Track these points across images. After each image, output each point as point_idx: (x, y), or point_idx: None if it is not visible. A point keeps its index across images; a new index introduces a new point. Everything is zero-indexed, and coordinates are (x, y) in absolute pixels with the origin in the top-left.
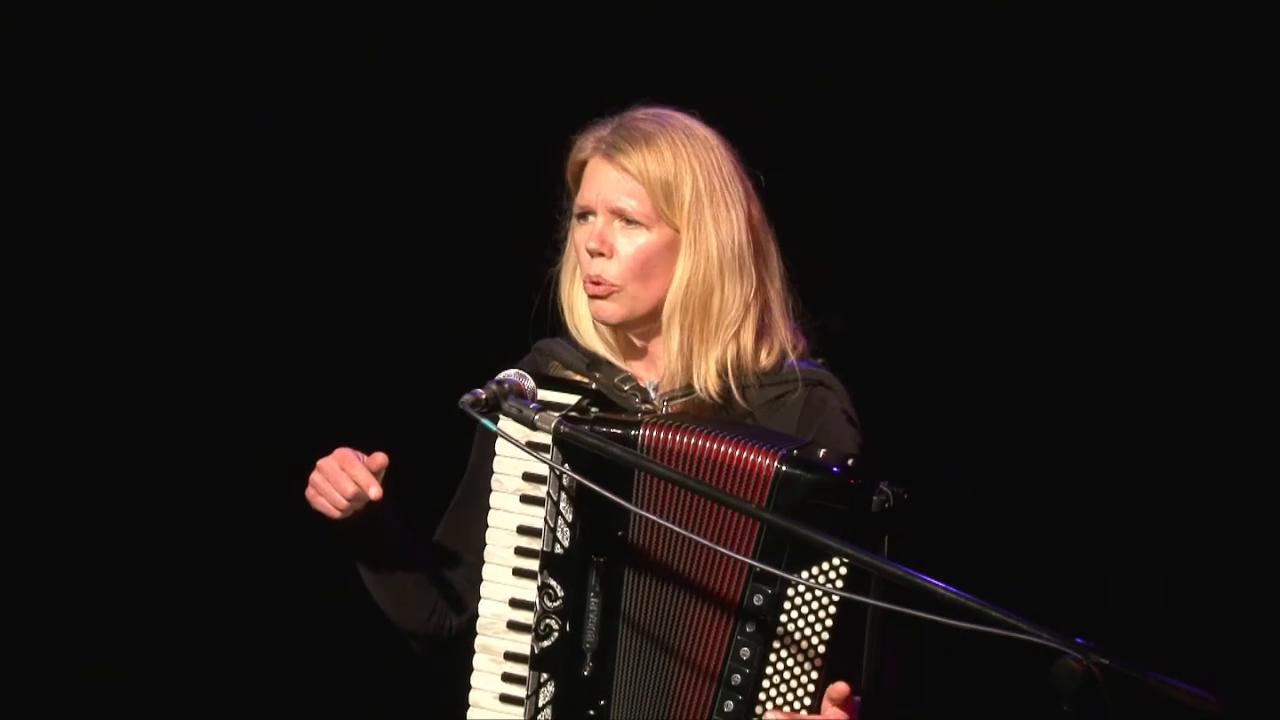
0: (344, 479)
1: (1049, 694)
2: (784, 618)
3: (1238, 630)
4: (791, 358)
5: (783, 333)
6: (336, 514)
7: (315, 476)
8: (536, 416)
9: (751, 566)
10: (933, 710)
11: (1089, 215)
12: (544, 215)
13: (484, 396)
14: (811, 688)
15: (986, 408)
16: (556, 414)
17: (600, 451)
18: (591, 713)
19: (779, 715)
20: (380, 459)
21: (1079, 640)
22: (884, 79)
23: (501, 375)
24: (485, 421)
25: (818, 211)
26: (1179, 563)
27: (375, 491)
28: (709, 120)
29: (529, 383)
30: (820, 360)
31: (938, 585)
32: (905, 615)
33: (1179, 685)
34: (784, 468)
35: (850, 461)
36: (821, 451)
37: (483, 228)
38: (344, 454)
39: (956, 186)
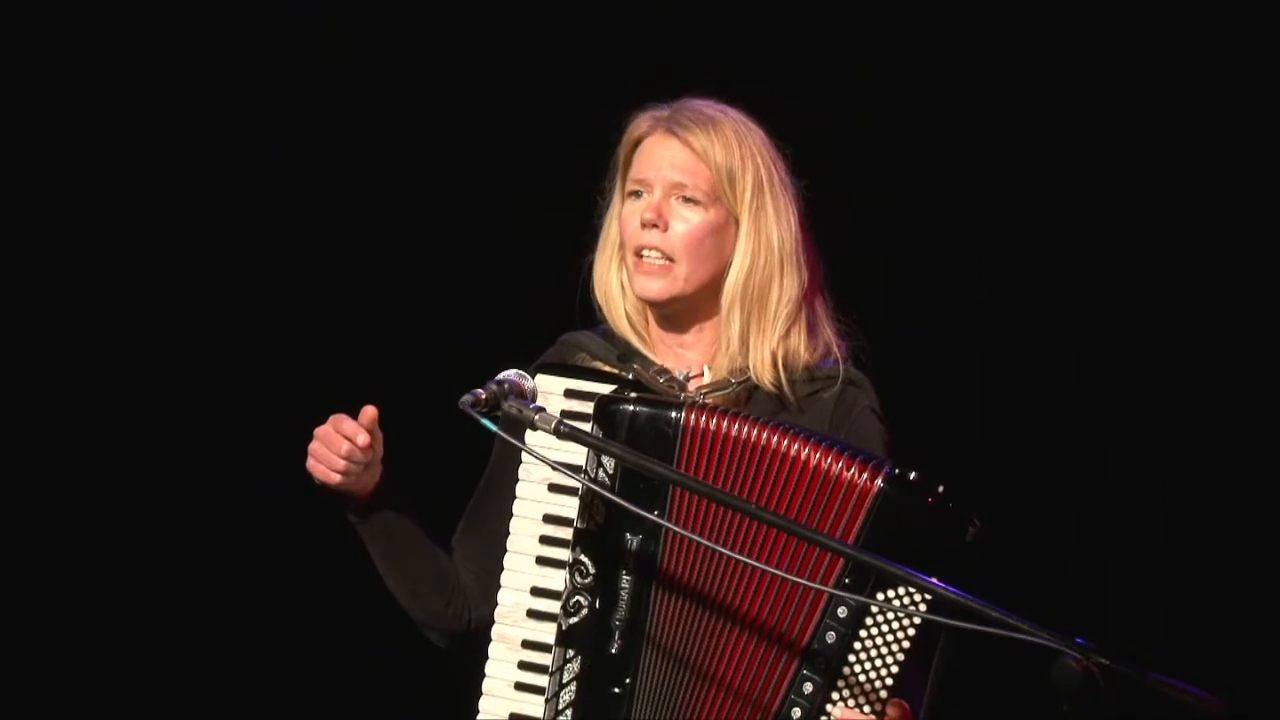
0: (336, 438)
1: (1049, 694)
2: (862, 631)
3: (1238, 630)
4: (833, 356)
5: (827, 333)
6: (337, 478)
7: (312, 445)
8: (536, 417)
9: (800, 585)
10: (933, 710)
11: (1090, 216)
12: (543, 216)
13: (484, 397)
14: (879, 705)
15: (987, 407)
16: (571, 406)
17: (604, 453)
18: (616, 690)
19: (848, 713)
20: (369, 411)
21: (1079, 640)
22: (884, 78)
23: (501, 375)
24: (486, 422)
25: (817, 209)
26: (1179, 563)
27: (363, 438)
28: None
29: (529, 383)
30: (851, 362)
31: (938, 585)
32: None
33: (1179, 685)
34: (886, 487)
35: (941, 488)
36: (913, 474)
37: (483, 228)
38: (334, 417)
39: (956, 184)
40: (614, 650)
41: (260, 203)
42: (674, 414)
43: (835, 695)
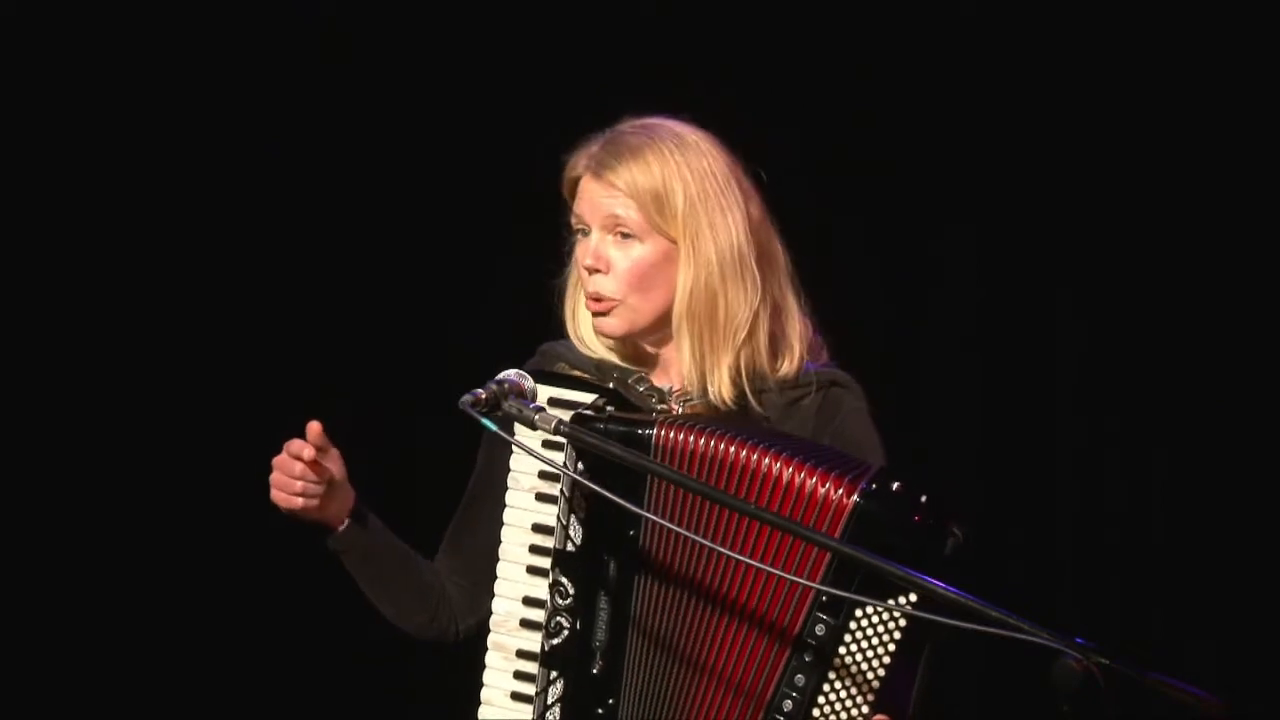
0: (289, 461)
1: (1049, 694)
2: (842, 648)
3: (1238, 630)
4: (805, 360)
5: (800, 335)
6: (299, 501)
7: (271, 476)
8: (537, 417)
9: (802, 586)
10: (932, 710)
11: (1090, 217)
12: (543, 215)
13: (484, 396)
14: (874, 690)
15: (986, 407)
16: (557, 415)
17: (603, 453)
18: (600, 711)
19: None
20: (313, 426)
21: (1079, 640)
22: (884, 78)
23: (501, 375)
24: (486, 421)
25: (816, 209)
26: (1179, 563)
27: (309, 453)
28: (707, 121)
29: (529, 383)
30: (835, 362)
31: (938, 585)
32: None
33: (1179, 685)
34: (862, 502)
35: (924, 498)
36: (895, 484)
37: (484, 228)
38: (287, 442)
39: (954, 184)
40: (596, 671)
41: (260, 203)
42: (647, 432)
43: (822, 699)
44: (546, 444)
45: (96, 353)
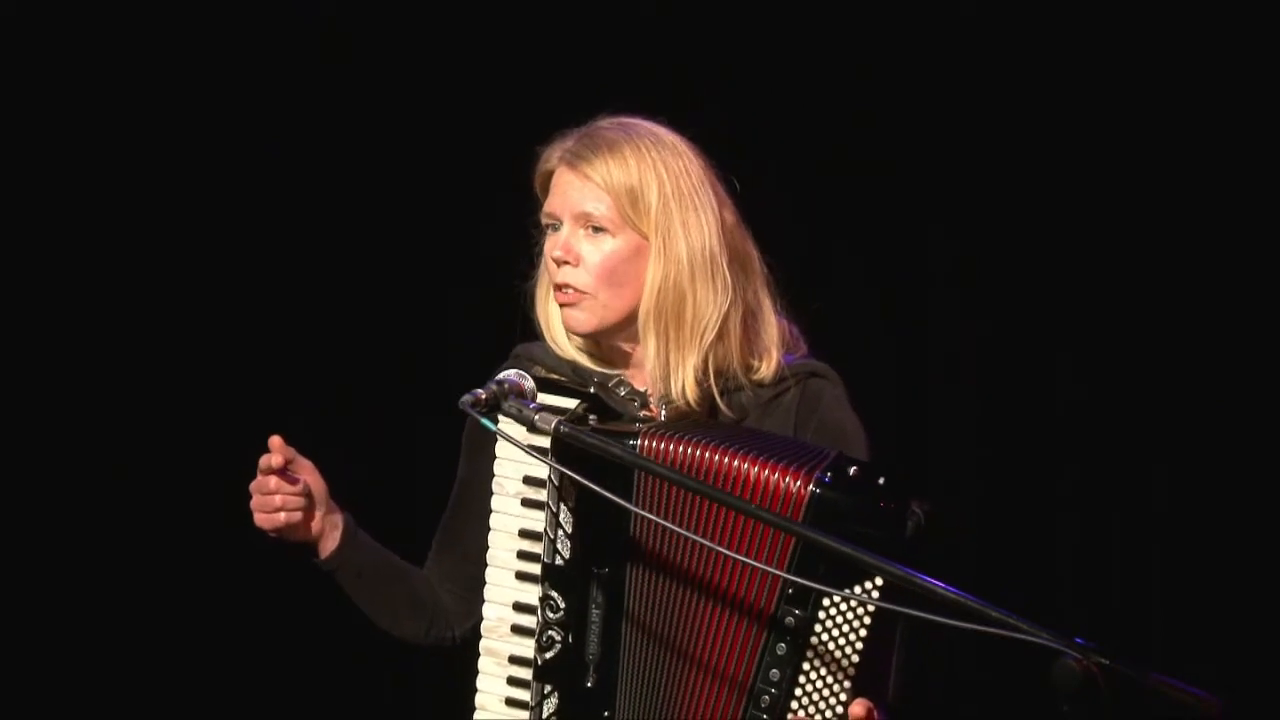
0: (263, 480)
1: (1049, 694)
2: (814, 638)
3: (1238, 630)
4: (781, 359)
5: (777, 340)
6: (281, 517)
7: (251, 502)
8: (536, 417)
9: (777, 578)
10: (932, 710)
11: (1088, 219)
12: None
13: (484, 397)
14: (840, 708)
15: (986, 407)
16: (556, 415)
17: (603, 453)
18: None
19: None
20: (274, 440)
21: (1079, 640)
22: (884, 77)
23: (501, 375)
24: (486, 421)
25: (816, 214)
26: (1179, 563)
27: (276, 459)
28: (705, 121)
29: (529, 383)
30: (813, 353)
31: (938, 585)
32: (935, 628)
33: (1179, 685)
34: (818, 491)
35: (882, 480)
36: (853, 469)
37: (484, 228)
38: (259, 462)
39: (953, 184)
40: (590, 684)
41: (260, 203)
42: (630, 442)
43: (799, 690)
44: (533, 448)
45: (96, 351)
